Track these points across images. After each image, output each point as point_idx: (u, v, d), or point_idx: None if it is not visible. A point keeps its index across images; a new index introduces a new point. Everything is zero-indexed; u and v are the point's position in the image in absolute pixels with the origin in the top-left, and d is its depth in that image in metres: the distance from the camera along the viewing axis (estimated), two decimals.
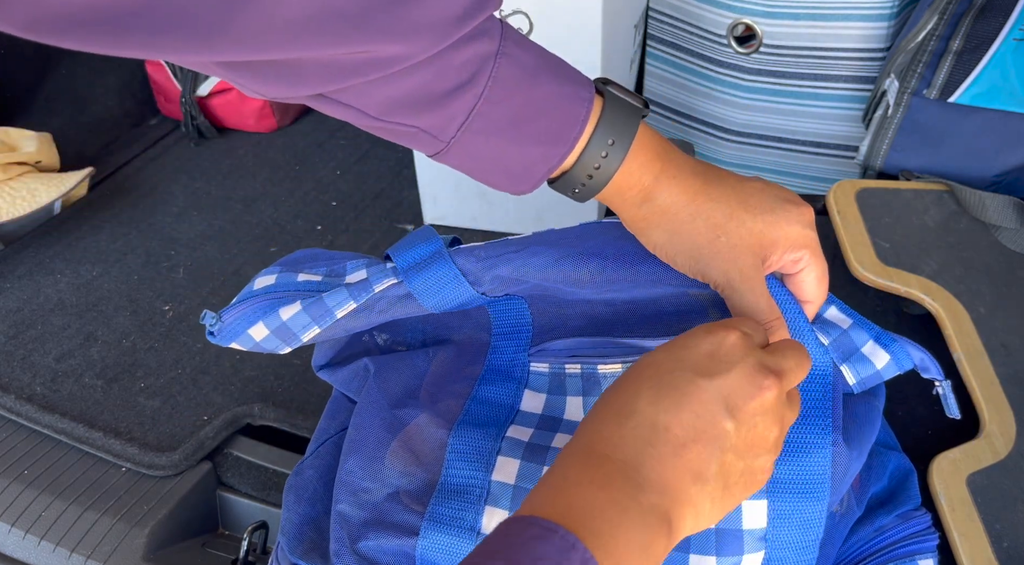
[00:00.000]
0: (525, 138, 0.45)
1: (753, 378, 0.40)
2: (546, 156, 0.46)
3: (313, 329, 0.55)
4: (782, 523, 0.47)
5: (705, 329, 0.42)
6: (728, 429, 0.39)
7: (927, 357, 0.52)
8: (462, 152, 0.46)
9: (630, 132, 0.46)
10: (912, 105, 0.85)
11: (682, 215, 0.47)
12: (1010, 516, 0.62)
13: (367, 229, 1.07)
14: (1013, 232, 0.76)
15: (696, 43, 1.04)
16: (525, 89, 0.44)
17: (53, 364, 0.87)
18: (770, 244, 0.48)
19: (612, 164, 0.46)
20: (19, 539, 0.71)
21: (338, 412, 0.63)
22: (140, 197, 1.15)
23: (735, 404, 0.39)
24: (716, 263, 0.47)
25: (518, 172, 0.47)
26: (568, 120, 0.45)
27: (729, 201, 0.48)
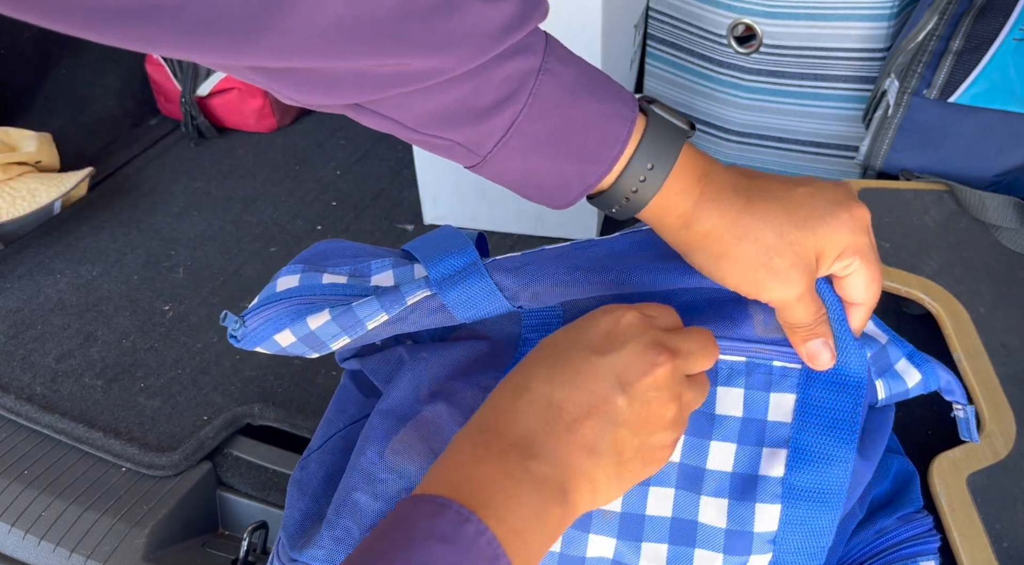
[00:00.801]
0: (563, 156, 0.44)
1: (645, 354, 0.41)
2: (583, 175, 0.45)
3: (343, 339, 0.54)
4: (793, 529, 0.47)
5: (604, 309, 0.43)
6: (620, 404, 0.40)
7: (954, 380, 0.52)
8: (498, 166, 0.45)
9: (671, 157, 0.45)
10: (912, 105, 0.85)
11: (727, 238, 0.46)
12: (1010, 516, 0.62)
13: (367, 229, 1.07)
14: (1013, 232, 0.76)
15: (696, 43, 1.04)
16: (565, 107, 0.43)
17: (53, 364, 0.87)
18: (821, 255, 0.46)
19: (650, 189, 0.45)
20: (19, 539, 0.71)
21: (347, 404, 0.62)
22: (140, 197, 1.15)
23: (627, 380, 0.40)
24: (771, 285, 0.46)
25: (554, 188, 0.46)
26: (607, 140, 0.44)
27: (777, 217, 0.46)
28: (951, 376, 0.52)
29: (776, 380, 0.49)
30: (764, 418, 0.49)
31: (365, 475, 0.52)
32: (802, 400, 0.49)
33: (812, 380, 0.49)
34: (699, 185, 0.46)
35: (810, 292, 0.47)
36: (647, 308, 0.44)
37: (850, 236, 0.46)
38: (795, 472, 0.48)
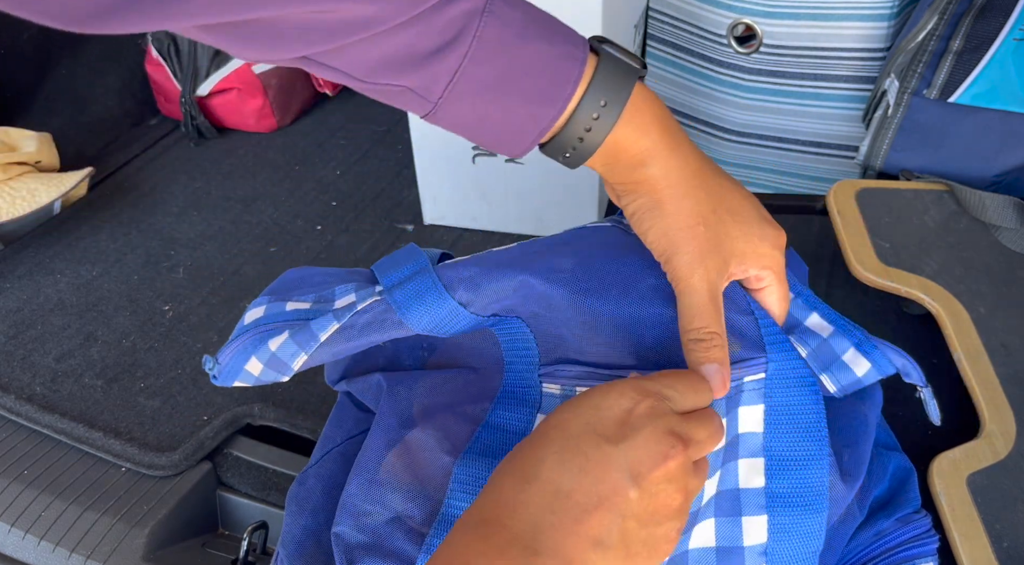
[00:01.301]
0: (514, 98, 0.44)
1: (659, 445, 0.39)
2: (536, 116, 0.45)
3: (301, 356, 0.54)
4: (783, 537, 0.47)
5: (619, 391, 0.41)
6: (631, 497, 0.38)
7: (909, 363, 0.52)
8: (452, 112, 0.45)
9: (624, 92, 0.45)
10: (912, 105, 0.85)
11: (671, 191, 0.46)
12: (1010, 516, 0.62)
13: (367, 229, 1.07)
14: (1013, 232, 0.76)
15: (696, 43, 1.04)
16: (512, 48, 0.43)
17: (53, 364, 0.87)
18: (740, 255, 0.47)
19: (605, 125, 0.45)
20: (19, 539, 0.71)
21: (344, 420, 0.62)
22: (140, 197, 1.15)
23: (639, 472, 0.39)
24: (686, 251, 0.46)
25: (510, 133, 0.46)
26: (558, 79, 0.44)
27: (721, 196, 0.47)
28: (906, 359, 0.52)
29: (745, 396, 0.49)
30: (735, 432, 0.48)
31: (347, 509, 0.51)
32: (769, 408, 0.49)
33: (775, 386, 0.49)
34: (657, 128, 0.46)
35: (716, 285, 0.47)
36: (662, 383, 0.42)
37: (771, 250, 0.48)
38: (775, 480, 0.47)
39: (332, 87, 1.33)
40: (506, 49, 0.43)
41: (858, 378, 0.51)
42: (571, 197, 0.99)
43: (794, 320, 0.53)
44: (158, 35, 1.25)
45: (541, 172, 0.98)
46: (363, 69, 0.44)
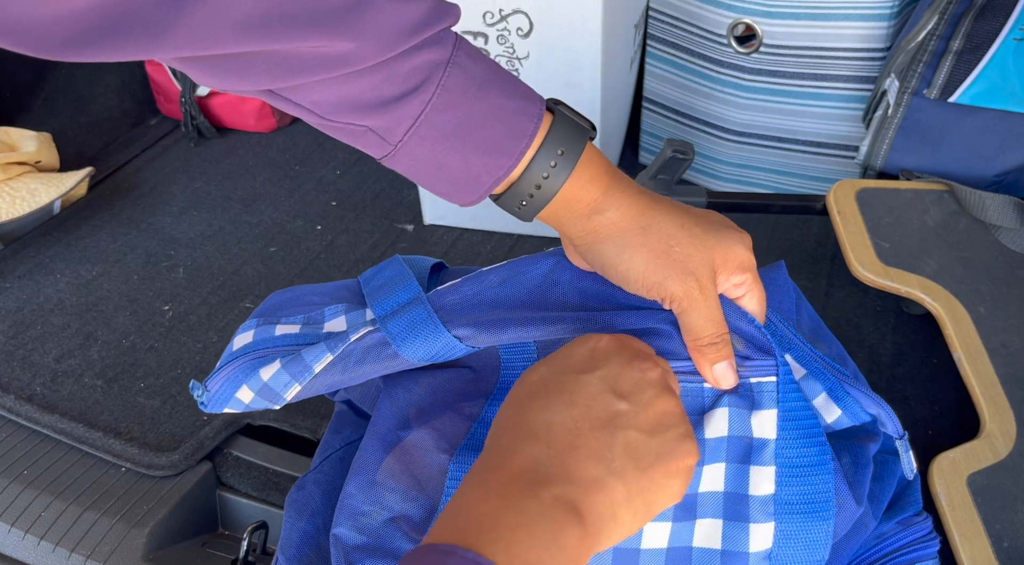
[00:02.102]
0: (471, 147, 0.46)
1: (632, 364, 0.42)
2: (491, 167, 0.46)
3: (294, 387, 0.53)
4: (788, 544, 0.47)
5: (580, 339, 0.44)
6: (622, 409, 0.40)
7: (885, 411, 0.51)
8: (410, 156, 0.46)
9: (578, 147, 0.47)
10: (912, 105, 0.85)
11: (633, 227, 0.48)
12: (1010, 516, 0.62)
13: (367, 229, 1.07)
14: (1013, 232, 0.76)
15: (696, 43, 1.04)
16: (473, 99, 0.45)
17: (53, 364, 0.87)
18: (721, 261, 0.48)
19: (560, 176, 0.47)
20: (19, 539, 0.71)
21: (343, 426, 0.62)
22: (140, 197, 1.15)
23: (621, 388, 0.41)
24: (674, 274, 0.48)
25: (465, 181, 0.47)
26: (515, 133, 0.46)
27: (680, 216, 0.48)
28: (882, 408, 0.51)
29: (757, 397, 0.49)
30: (749, 435, 0.48)
31: (346, 510, 0.51)
32: (782, 413, 0.49)
33: (786, 391, 0.49)
34: (607, 177, 0.48)
35: (707, 296, 0.48)
36: (618, 336, 0.45)
37: (744, 251, 0.49)
38: (784, 487, 0.47)
39: None
40: (468, 99, 0.45)
41: (827, 424, 0.51)
42: None
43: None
44: None
45: None
46: (327, 107, 0.45)
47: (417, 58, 0.44)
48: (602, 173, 0.48)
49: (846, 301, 0.91)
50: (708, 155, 1.09)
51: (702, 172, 1.12)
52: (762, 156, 1.06)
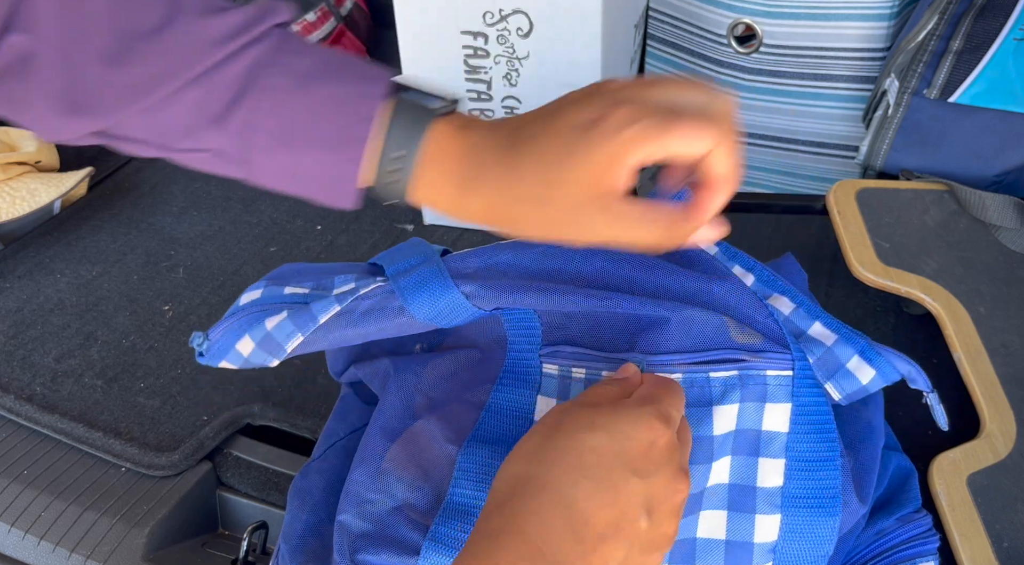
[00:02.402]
0: (316, 147, 0.43)
1: (674, 482, 0.41)
2: (341, 164, 0.44)
3: (297, 337, 0.53)
4: (793, 537, 0.47)
5: (646, 422, 0.41)
6: (642, 528, 0.40)
7: (914, 369, 0.52)
8: (265, 170, 0.44)
9: (417, 139, 0.44)
10: (912, 105, 0.85)
11: (510, 208, 0.44)
12: (1011, 516, 0.62)
13: (367, 229, 1.07)
14: (1013, 232, 0.76)
15: (696, 43, 1.04)
16: (300, 95, 0.43)
17: (53, 364, 0.87)
18: (596, 179, 0.41)
19: (404, 176, 0.44)
20: (19, 539, 0.71)
21: (348, 413, 0.62)
22: (140, 197, 1.15)
23: (653, 506, 0.40)
24: (571, 230, 0.43)
25: (329, 183, 0.45)
26: (352, 123, 0.43)
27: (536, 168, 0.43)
28: (911, 365, 0.52)
29: (771, 391, 0.49)
30: (758, 428, 0.48)
31: (352, 497, 0.51)
32: (796, 407, 0.49)
33: (801, 385, 0.49)
34: (459, 165, 0.44)
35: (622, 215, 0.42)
36: (668, 402, 0.43)
37: (613, 142, 0.41)
38: (793, 481, 0.48)
39: None
40: (292, 96, 0.43)
41: (863, 386, 0.51)
42: None
43: (797, 329, 0.53)
44: None
45: None
46: (161, 135, 0.44)
47: (234, 66, 0.42)
48: (453, 162, 0.44)
49: (846, 301, 0.90)
50: None
51: None
52: (762, 156, 1.06)
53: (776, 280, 0.55)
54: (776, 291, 0.54)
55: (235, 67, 0.42)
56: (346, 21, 1.39)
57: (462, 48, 0.91)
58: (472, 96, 0.94)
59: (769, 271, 0.55)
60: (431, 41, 0.91)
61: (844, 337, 0.52)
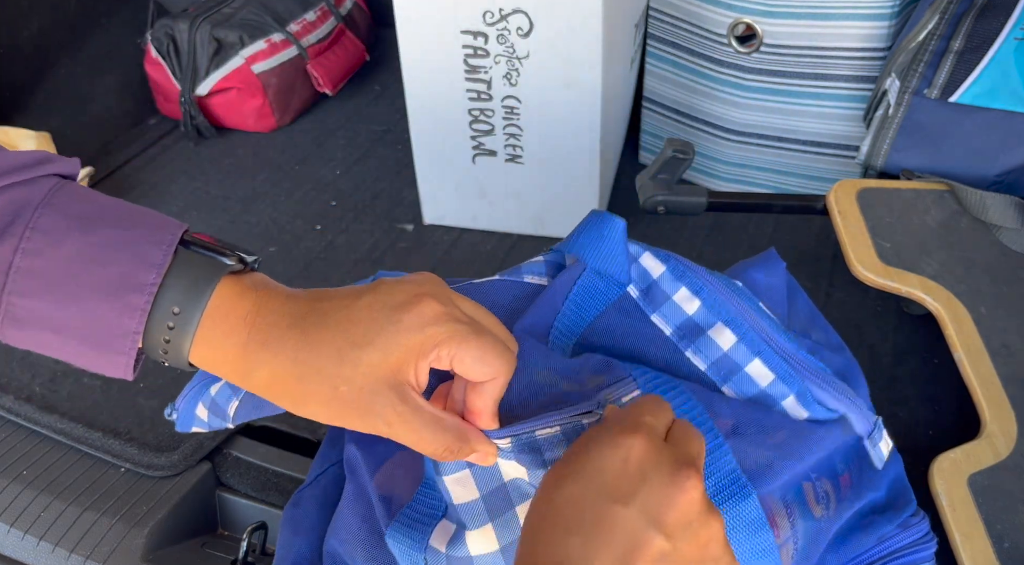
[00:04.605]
0: (89, 292, 0.38)
1: (674, 481, 0.37)
2: (117, 311, 0.39)
3: (234, 401, 0.52)
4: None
5: (609, 442, 0.38)
6: (663, 546, 0.35)
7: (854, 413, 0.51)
8: (22, 322, 0.39)
9: (202, 298, 0.40)
10: (913, 104, 0.85)
11: (291, 382, 0.41)
12: (1011, 517, 0.62)
13: (367, 229, 1.07)
14: (1014, 232, 0.76)
15: (697, 42, 1.04)
16: (77, 237, 0.39)
17: (52, 364, 0.87)
18: (400, 364, 0.41)
19: (184, 337, 0.40)
20: (18, 539, 0.71)
21: (338, 438, 0.61)
22: (140, 197, 1.15)
23: (660, 519, 0.36)
24: (353, 417, 0.41)
25: (101, 338, 0.39)
26: (135, 266, 0.39)
27: (335, 342, 0.41)
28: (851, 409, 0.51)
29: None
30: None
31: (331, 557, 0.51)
32: None
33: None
34: (246, 327, 0.40)
35: (405, 418, 0.41)
36: (642, 415, 0.40)
37: (419, 334, 0.41)
38: None
39: (332, 86, 1.33)
40: (65, 238, 0.39)
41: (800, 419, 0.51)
42: (571, 197, 0.99)
43: (733, 365, 0.51)
44: (157, 34, 1.25)
45: (541, 172, 0.98)
46: None
47: (2, 199, 0.38)
48: (239, 323, 0.40)
49: (846, 301, 0.90)
50: (708, 155, 1.09)
51: (702, 172, 1.11)
52: (762, 156, 1.06)
53: (724, 305, 0.53)
54: (720, 320, 0.52)
55: (2, 199, 0.38)
56: (346, 21, 1.39)
57: (462, 48, 0.90)
58: (472, 96, 0.94)
59: (720, 293, 0.54)
60: (431, 41, 0.91)
61: (782, 376, 0.50)
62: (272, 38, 1.25)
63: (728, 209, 0.89)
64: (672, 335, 0.53)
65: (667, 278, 0.55)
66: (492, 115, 0.95)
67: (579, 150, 0.95)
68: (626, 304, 0.54)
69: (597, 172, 0.97)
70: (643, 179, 0.86)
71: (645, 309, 0.54)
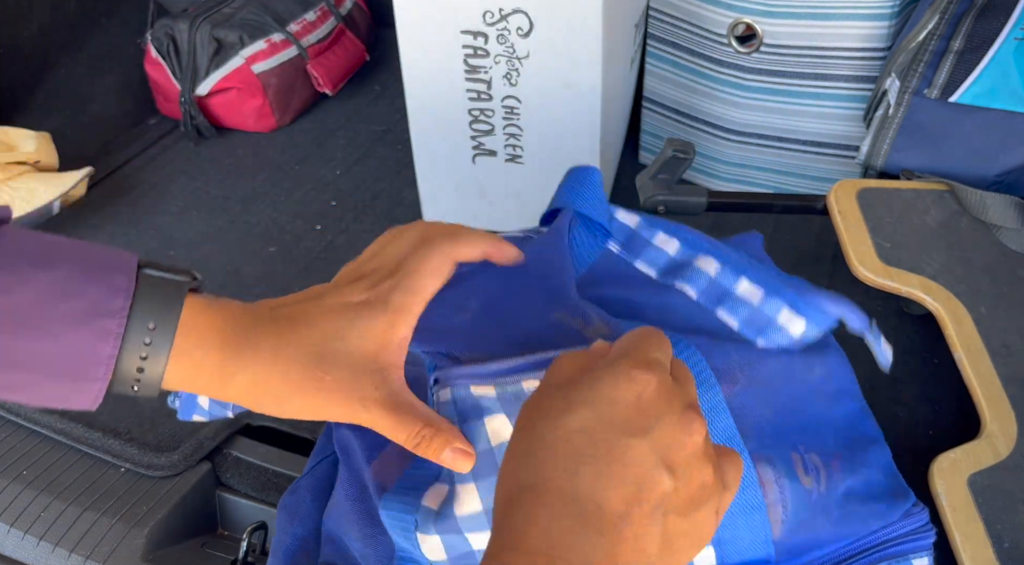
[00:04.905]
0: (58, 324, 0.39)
1: (683, 424, 0.36)
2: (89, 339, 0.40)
3: None
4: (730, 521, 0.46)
5: (624, 375, 0.37)
6: (668, 488, 0.35)
7: (847, 309, 0.50)
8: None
9: (175, 310, 0.41)
10: (913, 104, 0.85)
11: (271, 381, 0.42)
12: (1011, 517, 0.62)
13: (367, 229, 1.07)
14: (1014, 232, 0.76)
15: (697, 42, 1.04)
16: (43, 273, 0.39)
17: None
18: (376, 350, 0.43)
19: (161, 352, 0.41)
20: (18, 539, 0.71)
21: (337, 427, 0.62)
22: (139, 197, 1.15)
23: (670, 459, 0.36)
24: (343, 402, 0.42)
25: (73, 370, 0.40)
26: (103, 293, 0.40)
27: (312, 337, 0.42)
28: (844, 307, 0.50)
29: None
30: None
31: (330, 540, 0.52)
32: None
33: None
34: (218, 337, 0.42)
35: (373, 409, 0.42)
36: (651, 347, 0.39)
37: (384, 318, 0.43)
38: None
39: (332, 86, 1.33)
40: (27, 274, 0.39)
41: (795, 339, 0.50)
42: None
43: (722, 289, 0.52)
44: (157, 34, 1.25)
45: (541, 172, 0.98)
46: None
47: None
48: (212, 333, 0.42)
49: None
50: (708, 155, 1.09)
51: (702, 172, 1.11)
52: (762, 156, 1.06)
53: (700, 241, 0.54)
54: (701, 252, 0.54)
55: None
56: (346, 21, 1.39)
57: (462, 48, 0.90)
58: (472, 96, 0.94)
59: (694, 234, 0.55)
60: (431, 41, 0.91)
61: (771, 290, 0.50)
62: (272, 38, 1.25)
63: (728, 209, 0.89)
64: (659, 278, 0.54)
65: (643, 226, 0.56)
66: (492, 115, 0.95)
67: (579, 150, 0.95)
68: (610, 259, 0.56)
69: None
70: (643, 179, 0.86)
71: (629, 259, 0.55)
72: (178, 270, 0.43)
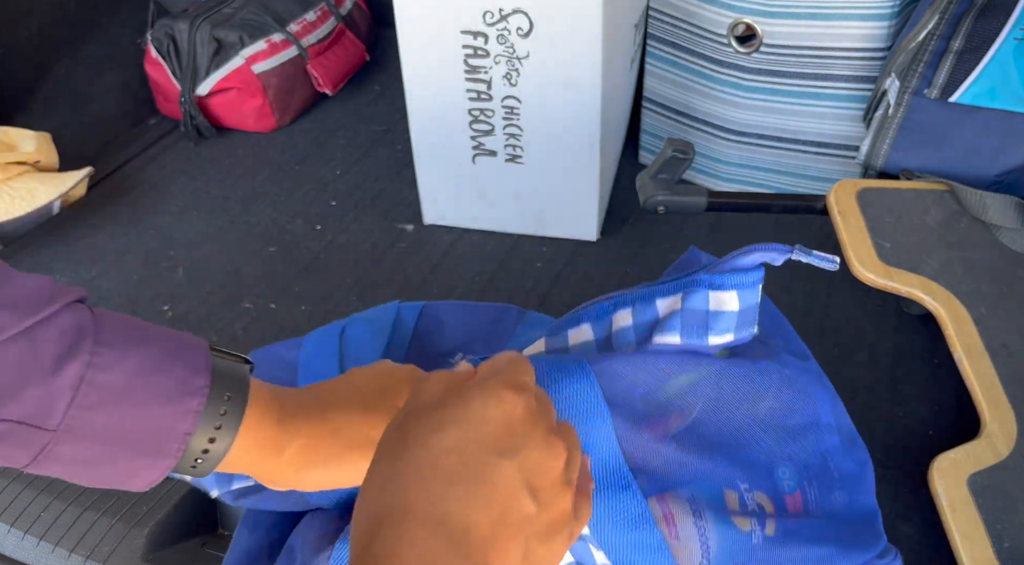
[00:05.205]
0: (153, 396, 0.41)
1: (548, 448, 0.36)
2: (176, 414, 0.41)
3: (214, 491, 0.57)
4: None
5: (496, 396, 0.37)
6: (532, 514, 0.35)
7: (762, 252, 0.48)
8: (77, 437, 0.39)
9: (244, 389, 0.43)
10: (913, 104, 0.85)
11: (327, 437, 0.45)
12: (1011, 516, 0.62)
13: (367, 229, 1.07)
14: (1014, 232, 0.76)
15: (696, 42, 1.04)
16: (137, 351, 0.41)
17: None
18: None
19: (233, 422, 0.42)
20: (18, 539, 0.71)
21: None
22: (139, 197, 1.15)
23: (536, 484, 0.36)
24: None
25: (154, 443, 0.41)
26: (188, 371, 0.42)
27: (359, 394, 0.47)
28: (758, 253, 0.48)
29: None
30: None
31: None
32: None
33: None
34: (276, 404, 0.45)
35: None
36: (518, 370, 0.39)
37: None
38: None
39: (332, 86, 1.33)
40: (126, 353, 0.40)
41: (736, 312, 0.49)
42: (571, 197, 0.99)
43: (647, 324, 0.51)
44: (157, 34, 1.25)
45: (541, 172, 0.98)
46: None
47: (63, 320, 0.39)
48: (270, 402, 0.44)
49: (846, 301, 0.90)
50: (708, 155, 1.09)
51: (702, 172, 1.11)
52: (762, 156, 1.06)
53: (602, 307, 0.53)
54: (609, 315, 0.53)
55: (64, 321, 0.40)
56: (346, 21, 1.39)
57: (462, 48, 0.90)
58: (472, 96, 0.94)
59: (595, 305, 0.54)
60: (431, 41, 0.91)
61: (687, 288, 0.49)
62: (272, 38, 1.25)
63: (728, 209, 0.89)
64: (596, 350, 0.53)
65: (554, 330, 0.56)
66: (492, 115, 0.95)
67: (579, 150, 0.95)
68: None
69: (597, 172, 0.97)
70: (643, 179, 0.86)
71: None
72: (230, 352, 0.45)
